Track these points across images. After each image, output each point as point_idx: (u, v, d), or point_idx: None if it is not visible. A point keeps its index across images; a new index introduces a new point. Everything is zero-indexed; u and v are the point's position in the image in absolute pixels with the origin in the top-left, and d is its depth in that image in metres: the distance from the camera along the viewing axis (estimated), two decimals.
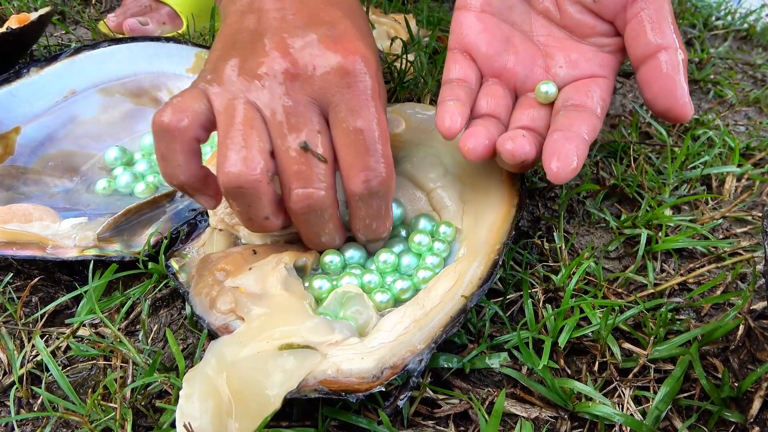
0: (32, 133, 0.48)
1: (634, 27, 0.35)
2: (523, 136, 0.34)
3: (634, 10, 0.35)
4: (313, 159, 0.33)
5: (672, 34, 0.34)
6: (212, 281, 0.36)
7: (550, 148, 0.34)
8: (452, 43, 0.40)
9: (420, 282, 0.37)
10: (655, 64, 0.34)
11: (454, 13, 0.41)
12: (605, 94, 0.37)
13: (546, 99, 0.38)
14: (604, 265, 0.43)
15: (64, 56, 0.50)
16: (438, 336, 0.32)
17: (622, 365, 0.35)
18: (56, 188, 0.46)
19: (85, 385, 0.35)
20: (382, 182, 0.34)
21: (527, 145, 0.34)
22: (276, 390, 0.30)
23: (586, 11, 0.38)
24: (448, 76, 0.39)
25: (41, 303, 0.39)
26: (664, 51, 0.34)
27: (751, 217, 0.46)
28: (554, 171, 0.33)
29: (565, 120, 0.35)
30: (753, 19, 0.78)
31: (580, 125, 0.35)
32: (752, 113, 0.61)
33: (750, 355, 0.36)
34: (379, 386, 0.30)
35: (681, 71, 0.33)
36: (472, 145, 0.35)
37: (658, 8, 0.35)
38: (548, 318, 0.36)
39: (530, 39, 0.40)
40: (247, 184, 0.32)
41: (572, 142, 0.33)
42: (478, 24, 0.39)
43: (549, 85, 0.38)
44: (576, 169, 0.33)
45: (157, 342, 0.37)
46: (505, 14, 0.40)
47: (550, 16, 0.39)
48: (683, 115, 0.33)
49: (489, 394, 0.33)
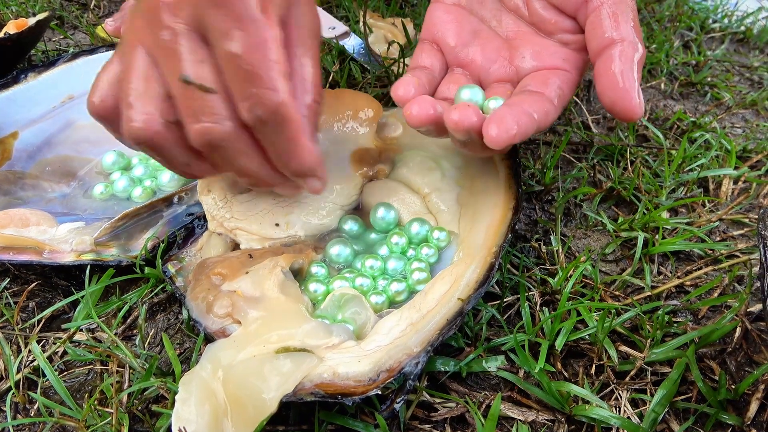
0: (30, 138, 0.48)
1: (592, 20, 0.35)
2: (468, 106, 0.33)
3: (594, 4, 0.35)
4: (198, 91, 0.30)
5: (630, 29, 0.34)
6: (209, 286, 0.36)
7: (491, 117, 0.32)
8: (423, 34, 0.41)
9: (415, 283, 0.37)
10: (608, 57, 0.33)
11: (429, 6, 0.42)
12: (565, 86, 0.36)
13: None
14: (601, 268, 0.43)
15: (62, 61, 0.50)
16: (434, 339, 0.32)
17: (619, 368, 0.35)
18: (53, 193, 0.46)
19: (82, 389, 0.35)
20: (269, 110, 0.30)
21: (474, 115, 0.32)
22: (272, 393, 0.30)
23: (550, 6, 0.38)
24: (416, 63, 0.40)
25: (38, 308, 0.39)
26: (619, 44, 0.33)
27: (748, 220, 0.46)
28: (492, 136, 0.31)
29: (515, 99, 0.35)
30: (750, 21, 0.78)
31: (530, 105, 0.33)
32: (749, 116, 0.61)
33: (747, 357, 0.36)
34: (375, 389, 0.30)
35: (634, 66, 0.33)
36: (416, 111, 0.34)
37: (618, 2, 0.34)
38: (545, 321, 0.36)
39: (497, 33, 0.40)
40: (147, 137, 0.31)
41: (515, 113, 0.32)
42: (448, 16, 0.40)
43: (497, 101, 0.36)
44: (514, 136, 0.31)
45: (154, 346, 0.37)
46: (476, 8, 0.41)
47: (519, 12, 0.40)
48: (631, 110, 0.32)
49: (486, 397, 0.33)
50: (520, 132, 0.31)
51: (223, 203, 0.41)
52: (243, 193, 0.41)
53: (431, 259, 0.39)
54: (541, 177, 0.48)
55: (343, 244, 0.39)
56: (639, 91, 0.32)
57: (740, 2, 0.84)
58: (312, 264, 0.38)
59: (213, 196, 0.41)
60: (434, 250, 0.39)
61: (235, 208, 0.40)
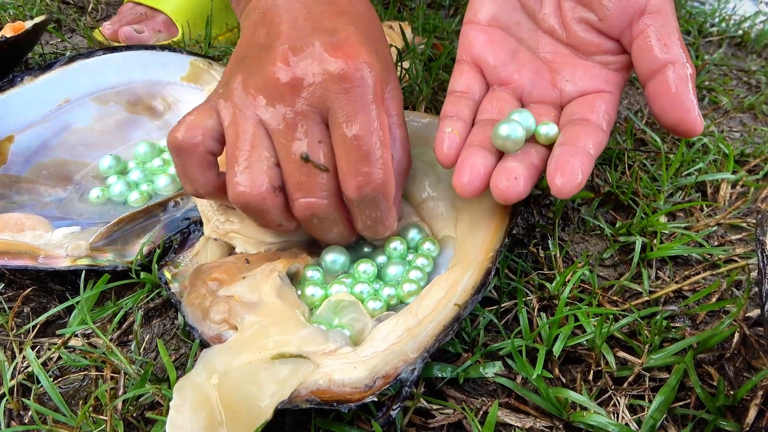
0: (26, 141, 0.47)
1: (640, 43, 0.35)
2: (515, 178, 0.33)
3: (639, 27, 0.35)
4: (314, 169, 0.34)
5: (679, 48, 0.34)
6: (205, 291, 0.36)
7: (554, 163, 0.33)
8: (460, 55, 0.41)
9: (405, 295, 0.37)
10: (663, 79, 0.34)
11: (463, 28, 0.41)
12: (611, 109, 0.37)
13: (547, 141, 0.36)
14: (599, 272, 0.42)
15: (59, 65, 0.50)
16: (431, 345, 0.32)
17: (617, 374, 0.35)
18: (49, 197, 0.46)
19: (77, 396, 0.34)
20: (376, 188, 0.34)
21: (519, 186, 0.33)
22: (268, 400, 0.29)
23: (591, 29, 0.38)
24: (454, 87, 0.40)
25: (33, 313, 0.39)
26: (671, 65, 0.34)
27: (746, 224, 0.46)
28: (558, 186, 0.32)
29: (569, 134, 0.35)
30: (747, 25, 0.78)
31: (586, 139, 0.34)
32: (747, 119, 0.61)
33: (745, 362, 0.36)
34: (371, 396, 0.30)
35: (689, 85, 0.33)
36: (467, 180, 0.34)
37: (664, 23, 0.34)
38: (543, 327, 0.36)
39: (536, 55, 0.40)
40: (253, 201, 0.34)
41: (577, 156, 0.33)
42: (486, 37, 0.40)
43: (550, 126, 0.36)
44: (580, 184, 0.32)
45: (150, 352, 0.37)
46: (513, 29, 0.40)
47: (555, 35, 0.39)
48: (693, 128, 0.33)
49: (483, 403, 0.33)
50: (585, 176, 0.33)
51: (219, 206, 0.41)
52: None
53: (427, 269, 0.38)
54: (539, 181, 0.48)
55: (339, 252, 0.39)
56: (698, 108, 0.33)
57: (738, 6, 0.84)
58: (307, 268, 0.38)
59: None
60: (429, 260, 0.39)
61: (230, 211, 0.40)
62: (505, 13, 0.40)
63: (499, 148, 0.36)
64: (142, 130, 0.51)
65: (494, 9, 0.40)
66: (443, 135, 0.37)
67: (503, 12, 0.40)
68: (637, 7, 0.35)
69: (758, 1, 0.90)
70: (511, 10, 0.40)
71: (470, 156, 0.35)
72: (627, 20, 0.36)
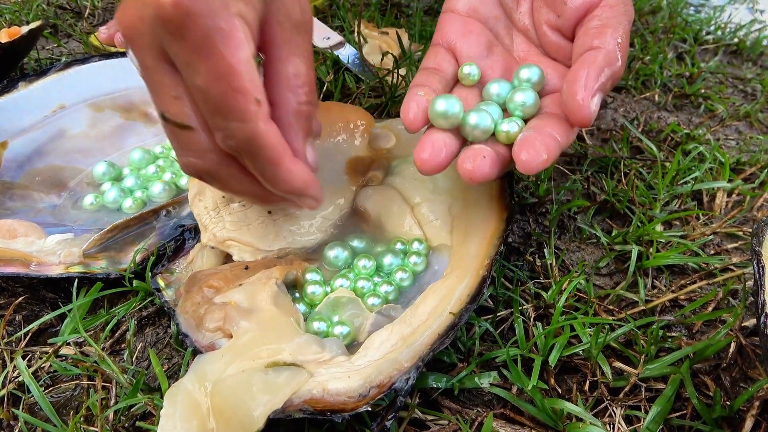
0: (19, 147, 0.47)
1: (581, 33, 0.35)
2: (483, 157, 0.33)
3: (588, 18, 0.35)
4: (175, 128, 0.30)
5: (613, 39, 0.33)
6: (200, 299, 0.35)
7: (520, 142, 0.32)
8: (436, 40, 0.40)
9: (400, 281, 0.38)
10: (581, 60, 0.33)
11: (441, 15, 0.41)
12: None
13: (470, 82, 0.37)
14: (595, 281, 0.42)
15: (54, 70, 0.50)
16: (425, 354, 0.32)
17: (613, 384, 0.34)
18: (43, 203, 0.46)
19: (68, 405, 0.34)
20: (241, 141, 0.29)
21: (486, 166, 0.32)
22: (260, 409, 0.29)
23: (553, 30, 0.37)
24: (426, 64, 0.39)
25: (25, 321, 0.39)
26: (594, 50, 0.33)
27: (742, 233, 0.46)
28: (523, 160, 0.31)
29: (538, 122, 0.34)
30: (743, 33, 0.78)
31: (552, 127, 0.33)
32: (742, 127, 0.61)
33: (742, 372, 0.36)
34: (365, 406, 0.29)
35: (603, 72, 0.32)
36: (427, 155, 0.33)
37: (612, 17, 0.34)
38: (539, 337, 0.36)
39: (511, 53, 0.40)
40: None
41: (542, 138, 0.32)
42: (463, 27, 0.39)
43: (472, 67, 0.37)
44: (545, 161, 0.31)
45: (142, 361, 0.36)
46: (491, 23, 0.40)
47: (528, 35, 0.39)
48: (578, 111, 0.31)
49: (478, 414, 0.33)
50: (550, 157, 0.32)
51: (215, 213, 0.40)
52: (235, 203, 0.41)
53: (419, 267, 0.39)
54: (535, 189, 0.48)
55: (341, 247, 0.39)
56: (595, 99, 0.32)
57: (733, 14, 0.85)
58: (306, 272, 0.38)
59: (204, 205, 0.40)
60: (422, 258, 0.39)
61: (227, 218, 0.40)
62: (485, 7, 0.40)
63: (466, 136, 0.35)
64: (136, 137, 0.51)
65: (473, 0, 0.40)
66: (412, 98, 0.34)
67: (482, 4, 0.40)
68: (595, 0, 0.35)
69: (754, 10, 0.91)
70: (491, 5, 0.40)
71: (433, 133, 0.34)
72: (583, 13, 0.35)
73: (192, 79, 0.28)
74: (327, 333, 0.35)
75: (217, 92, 0.28)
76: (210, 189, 0.41)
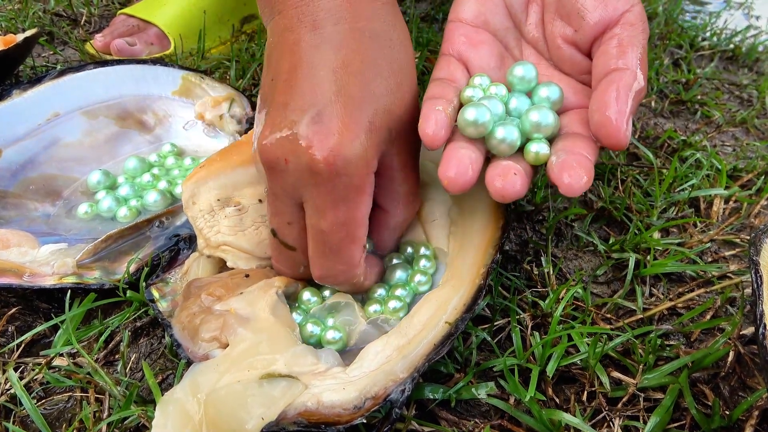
0: (13, 156, 0.47)
1: (602, 49, 0.34)
2: (514, 174, 0.32)
3: (607, 36, 0.34)
4: (281, 245, 0.36)
5: (635, 59, 0.33)
6: (197, 309, 0.35)
7: (559, 165, 0.32)
8: (446, 50, 0.39)
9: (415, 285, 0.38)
10: (606, 82, 0.32)
11: (448, 24, 0.39)
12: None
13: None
14: (593, 289, 0.42)
15: (48, 78, 0.50)
16: (421, 365, 0.31)
17: (611, 394, 0.34)
18: (37, 212, 0.45)
19: (61, 418, 0.34)
20: (337, 282, 0.35)
21: (518, 184, 0.32)
22: (254, 422, 0.29)
23: (567, 44, 0.37)
24: (437, 75, 0.37)
25: (18, 332, 0.38)
26: (619, 72, 0.33)
27: (740, 240, 0.46)
28: (567, 183, 0.31)
29: (566, 143, 0.34)
30: (739, 39, 0.79)
31: (582, 147, 0.33)
32: (739, 134, 0.61)
33: (740, 381, 0.36)
34: (360, 418, 0.29)
35: (630, 94, 0.32)
36: (453, 174, 0.32)
37: (632, 36, 0.34)
38: (536, 346, 0.35)
39: None
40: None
41: (579, 159, 0.32)
42: (474, 37, 0.38)
43: (483, 78, 0.36)
44: (587, 183, 0.31)
45: (136, 372, 0.36)
46: (501, 34, 0.39)
47: (538, 47, 0.38)
48: (614, 136, 0.31)
49: (476, 425, 0.33)
50: (590, 178, 0.31)
51: (210, 216, 0.40)
52: (230, 207, 0.40)
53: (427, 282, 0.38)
54: (532, 197, 0.48)
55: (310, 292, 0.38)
56: (629, 121, 0.31)
57: (729, 20, 0.85)
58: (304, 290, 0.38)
59: (199, 208, 0.40)
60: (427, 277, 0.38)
61: (222, 221, 0.39)
62: (494, 17, 0.39)
63: (491, 149, 0.34)
64: (131, 145, 0.51)
65: (479, 8, 0.39)
66: (430, 112, 0.33)
67: (492, 15, 0.39)
68: (614, 16, 0.34)
69: (749, 16, 0.91)
70: (501, 16, 0.39)
71: (457, 149, 0.33)
72: (601, 29, 0.35)
73: (316, 221, 0.32)
74: (320, 337, 0.35)
75: (337, 238, 0.33)
76: (204, 192, 0.40)
